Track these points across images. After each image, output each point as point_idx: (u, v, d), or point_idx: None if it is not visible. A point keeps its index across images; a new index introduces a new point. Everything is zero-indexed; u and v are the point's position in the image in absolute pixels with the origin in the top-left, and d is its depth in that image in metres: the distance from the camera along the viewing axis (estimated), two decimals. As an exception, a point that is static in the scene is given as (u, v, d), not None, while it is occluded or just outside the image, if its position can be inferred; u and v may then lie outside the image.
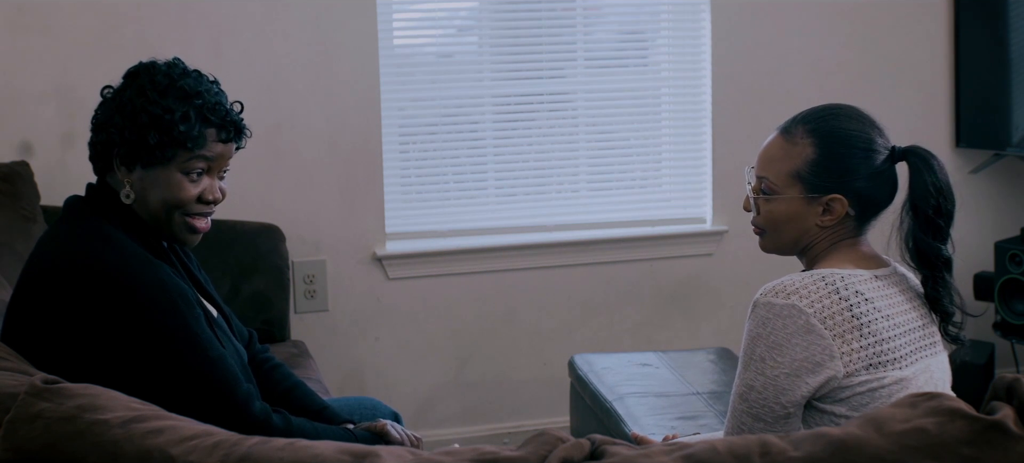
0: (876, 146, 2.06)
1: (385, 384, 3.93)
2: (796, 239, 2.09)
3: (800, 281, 1.97)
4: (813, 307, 1.94)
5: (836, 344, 1.93)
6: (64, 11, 3.58)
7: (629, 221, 4.14)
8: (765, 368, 1.95)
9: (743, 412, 1.99)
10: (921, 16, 4.20)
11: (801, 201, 2.05)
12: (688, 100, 4.15)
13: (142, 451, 1.44)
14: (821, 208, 2.05)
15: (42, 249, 2.16)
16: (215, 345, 2.10)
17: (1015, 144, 4.11)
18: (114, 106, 2.14)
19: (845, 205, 2.04)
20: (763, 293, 1.98)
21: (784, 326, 1.94)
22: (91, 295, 2.02)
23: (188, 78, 2.14)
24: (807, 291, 1.95)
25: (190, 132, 2.10)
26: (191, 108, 2.11)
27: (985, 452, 1.35)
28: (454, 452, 1.48)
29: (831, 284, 1.97)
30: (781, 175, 2.07)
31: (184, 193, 2.13)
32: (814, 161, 2.04)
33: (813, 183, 2.04)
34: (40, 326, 2.06)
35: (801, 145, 2.06)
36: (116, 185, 2.16)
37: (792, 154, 2.07)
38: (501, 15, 3.98)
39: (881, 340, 1.97)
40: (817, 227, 2.06)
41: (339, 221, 3.86)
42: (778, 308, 1.95)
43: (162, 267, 2.09)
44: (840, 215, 2.05)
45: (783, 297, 1.95)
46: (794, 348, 1.93)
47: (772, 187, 2.08)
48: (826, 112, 2.10)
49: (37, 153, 3.56)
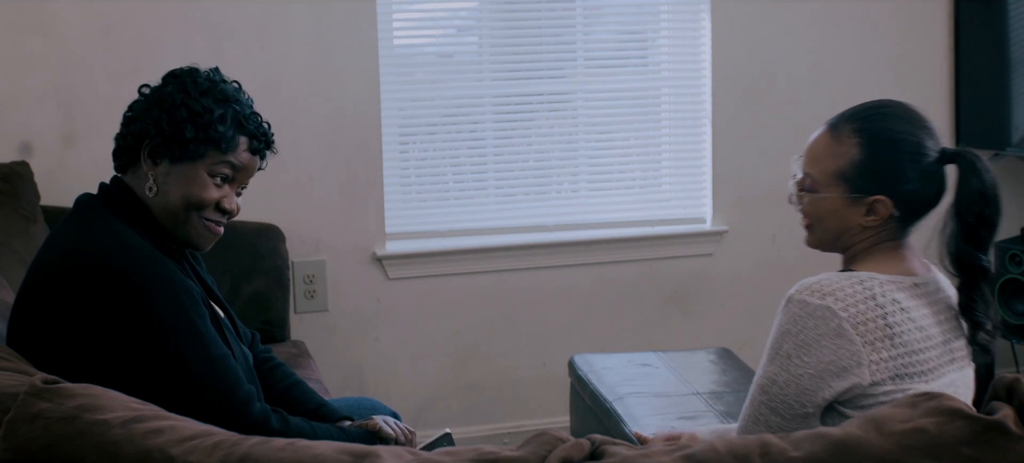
0: (925, 148, 2.01)
1: (385, 384, 3.93)
2: (838, 236, 2.04)
3: (837, 282, 1.93)
4: (847, 311, 1.90)
5: (865, 351, 1.90)
6: (64, 11, 3.58)
7: (629, 221, 4.14)
8: (790, 365, 1.92)
9: (762, 404, 1.96)
10: (921, 16, 4.20)
11: (844, 201, 2.01)
12: (688, 100, 4.15)
13: (142, 451, 1.44)
14: (864, 209, 2.00)
15: (52, 246, 2.18)
16: (218, 344, 2.11)
17: (1015, 144, 4.11)
18: (152, 100, 2.19)
19: (889, 207, 1.99)
20: (799, 289, 1.94)
21: (815, 326, 1.90)
22: (98, 290, 2.03)
23: (228, 85, 2.23)
24: (843, 293, 1.91)
25: (226, 133, 2.16)
26: (230, 111, 2.18)
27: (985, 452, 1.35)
28: (454, 452, 1.48)
29: (868, 289, 1.93)
30: (825, 174, 2.02)
31: (206, 193, 2.17)
32: (859, 162, 2.00)
33: (857, 184, 2.00)
34: (49, 323, 2.07)
35: (847, 144, 2.01)
36: (135, 182, 2.19)
37: (837, 153, 2.02)
38: (501, 15, 3.98)
39: (911, 351, 1.93)
40: (860, 227, 2.02)
41: (339, 221, 3.86)
42: (812, 307, 1.91)
43: (170, 264, 2.10)
44: (884, 217, 2.00)
45: (818, 297, 1.91)
46: (822, 350, 1.90)
47: (816, 185, 2.03)
48: (875, 111, 2.05)
49: (37, 153, 3.56)
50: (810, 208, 2.05)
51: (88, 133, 3.58)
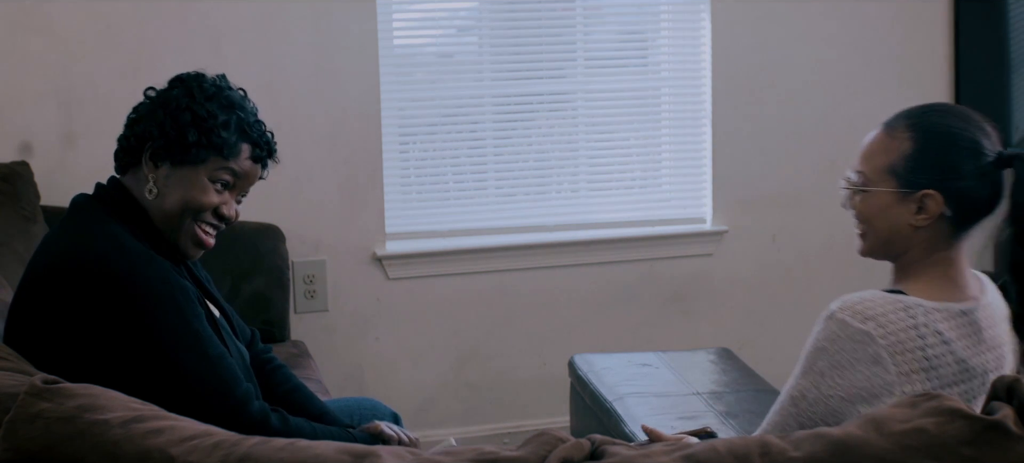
0: (981, 147, 1.95)
1: (385, 384, 3.93)
2: (889, 239, 1.97)
3: (881, 306, 1.87)
4: (887, 338, 1.85)
5: (898, 382, 1.85)
6: (64, 11, 3.58)
7: (629, 221, 4.14)
8: (822, 383, 1.87)
9: (791, 415, 1.92)
10: (921, 16, 4.20)
11: (893, 196, 1.95)
12: (688, 100, 4.15)
13: (142, 451, 1.44)
14: (915, 206, 1.94)
15: (48, 246, 2.18)
16: (215, 343, 2.11)
17: (1015, 144, 4.11)
18: (157, 102, 2.19)
19: (940, 204, 1.92)
20: (841, 307, 1.88)
21: (853, 350, 1.85)
22: (93, 291, 2.03)
23: (234, 92, 2.23)
24: (886, 319, 1.86)
25: (229, 139, 2.16)
26: (234, 117, 2.18)
27: (985, 452, 1.35)
28: (454, 452, 1.48)
29: (912, 317, 1.87)
30: (876, 169, 1.96)
31: (206, 197, 2.17)
32: (909, 155, 1.94)
33: (907, 178, 1.93)
34: (44, 323, 2.07)
35: (899, 139, 1.96)
36: (135, 184, 2.19)
37: (889, 148, 1.96)
38: (501, 15, 3.98)
39: (945, 385, 1.88)
40: (911, 228, 1.95)
41: (339, 221, 3.86)
42: (851, 330, 1.85)
43: (164, 264, 2.10)
44: (934, 214, 1.93)
45: (859, 320, 1.85)
46: (856, 374, 1.85)
47: (866, 181, 1.97)
48: (932, 108, 2.00)
49: (37, 153, 3.56)
50: (861, 208, 1.99)
51: (88, 133, 3.58)
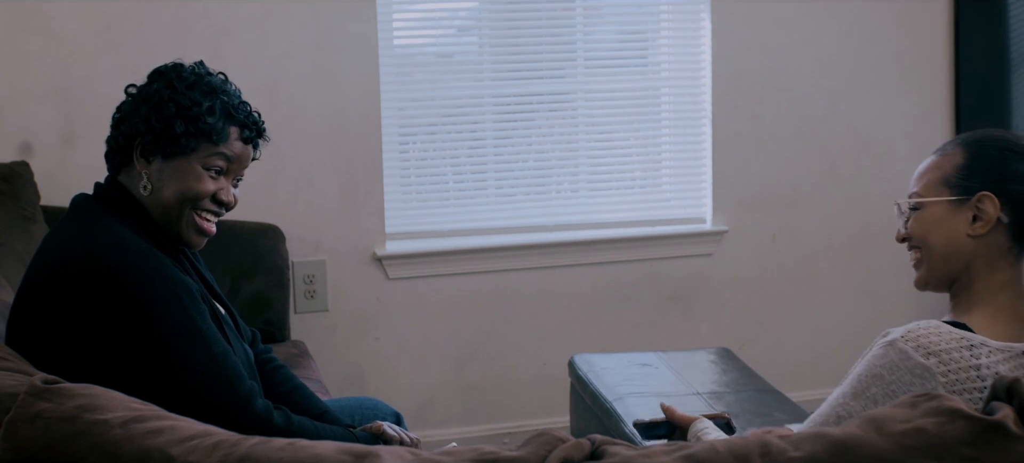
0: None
1: (385, 384, 3.93)
2: (947, 255, 1.94)
3: (946, 342, 1.83)
4: (947, 377, 1.81)
5: None
6: (64, 11, 3.58)
7: (629, 221, 4.15)
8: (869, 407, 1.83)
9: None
10: (921, 16, 4.20)
11: (948, 206, 1.93)
12: (688, 100, 4.15)
13: (142, 451, 1.44)
14: (971, 214, 1.91)
15: (49, 246, 2.17)
16: (219, 341, 2.11)
17: (1015, 144, 4.11)
18: (140, 99, 2.19)
19: (996, 206, 1.90)
20: (905, 336, 1.84)
21: (910, 382, 1.81)
22: (96, 289, 2.03)
23: (214, 77, 2.22)
24: (949, 357, 1.81)
25: (215, 125, 2.15)
26: (218, 102, 2.17)
27: (985, 452, 1.35)
28: (454, 452, 1.48)
29: (975, 358, 1.83)
30: (929, 185, 1.96)
31: (202, 186, 2.16)
32: (962, 165, 1.94)
33: (960, 186, 1.92)
34: (47, 323, 2.07)
35: (951, 154, 1.96)
36: (130, 182, 2.18)
37: (942, 165, 1.96)
38: (501, 15, 3.98)
39: None
40: (968, 240, 1.92)
41: (339, 221, 3.86)
42: (913, 363, 1.82)
43: (168, 262, 2.10)
44: (992, 219, 1.90)
45: (922, 354, 1.81)
46: None
47: (920, 200, 1.97)
48: (982, 131, 2.00)
49: (37, 153, 3.56)
50: (916, 228, 1.97)
51: (88, 133, 3.58)
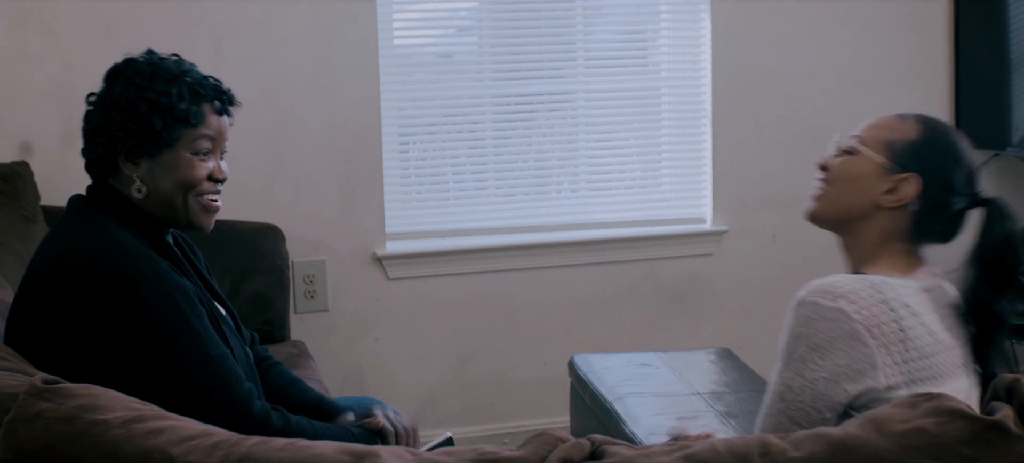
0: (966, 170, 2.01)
1: (385, 384, 3.93)
2: (850, 204, 2.03)
3: (849, 284, 1.89)
4: (861, 314, 1.86)
5: (879, 355, 1.86)
6: (64, 11, 3.58)
7: (629, 221, 4.15)
8: (805, 369, 1.88)
9: (781, 412, 1.91)
10: (921, 16, 4.20)
11: (878, 166, 2.00)
12: (688, 100, 4.15)
13: (142, 451, 1.44)
14: (890, 185, 1.99)
15: (45, 248, 2.17)
16: (217, 343, 2.10)
17: (1015, 144, 4.11)
18: (106, 106, 2.16)
19: (914, 192, 1.99)
20: (809, 291, 1.90)
21: (828, 329, 1.86)
22: (91, 292, 2.03)
23: (168, 62, 2.19)
24: (856, 296, 1.87)
25: (189, 108, 2.14)
26: (182, 86, 2.15)
27: (985, 452, 1.35)
28: (454, 451, 1.48)
29: (880, 293, 1.89)
30: (876, 139, 2.03)
31: (196, 172, 2.16)
32: (912, 142, 2.00)
33: (900, 158, 2.00)
34: (44, 325, 2.06)
35: (908, 125, 2.03)
36: (122, 185, 2.17)
37: (895, 128, 2.03)
38: (501, 15, 3.98)
39: (924, 355, 1.90)
40: (873, 206, 2.01)
41: (339, 221, 3.86)
42: (824, 310, 1.87)
43: (163, 264, 2.09)
44: (904, 200, 1.99)
45: (830, 299, 1.87)
46: (837, 354, 1.86)
47: (859, 146, 2.03)
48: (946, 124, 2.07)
49: (37, 153, 3.56)
50: (840, 168, 2.04)
51: (88, 133, 3.57)
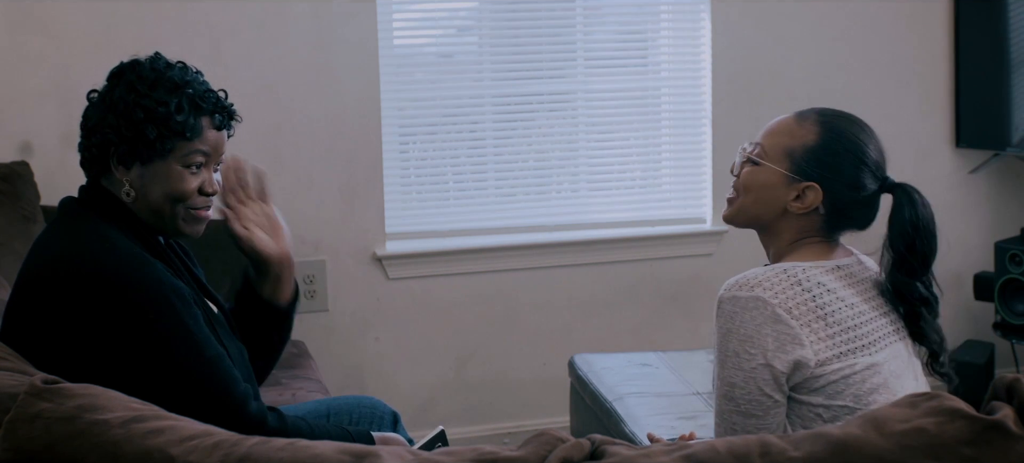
0: (869, 163, 2.08)
1: (385, 384, 3.93)
2: (760, 213, 2.12)
3: (762, 274, 2.00)
4: (777, 298, 1.96)
5: (804, 333, 1.96)
6: (64, 11, 3.58)
7: (629, 221, 4.14)
8: (742, 362, 1.97)
9: (731, 412, 2.00)
10: (921, 16, 4.20)
11: (782, 177, 2.07)
12: (688, 100, 4.15)
13: (142, 451, 1.44)
14: (796, 193, 2.07)
15: (38, 250, 2.16)
16: (212, 344, 2.10)
17: (1015, 144, 4.11)
18: (105, 107, 2.14)
19: (818, 199, 2.06)
20: (726, 289, 2.01)
21: (752, 318, 1.96)
22: (86, 295, 2.02)
23: (173, 70, 2.16)
24: (770, 283, 1.98)
25: (187, 121, 2.10)
26: (183, 98, 2.11)
27: (985, 452, 1.35)
28: (454, 452, 1.47)
29: (792, 276, 2.00)
30: (776, 148, 2.10)
31: (185, 185, 2.13)
32: (810, 147, 2.07)
33: (800, 166, 2.07)
34: (38, 328, 2.05)
35: (806, 129, 2.09)
36: (113, 186, 2.15)
37: (795, 133, 2.10)
38: (501, 15, 3.98)
39: (847, 328, 1.99)
40: (784, 211, 2.08)
41: (339, 221, 3.86)
42: (743, 301, 1.97)
43: (157, 265, 2.08)
44: (810, 207, 2.07)
45: (747, 290, 1.98)
46: (764, 337, 1.95)
47: (763, 155, 2.10)
48: (843, 115, 2.13)
49: (37, 153, 3.56)
50: (747, 178, 2.12)
51: (88, 133, 3.57)
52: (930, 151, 4.26)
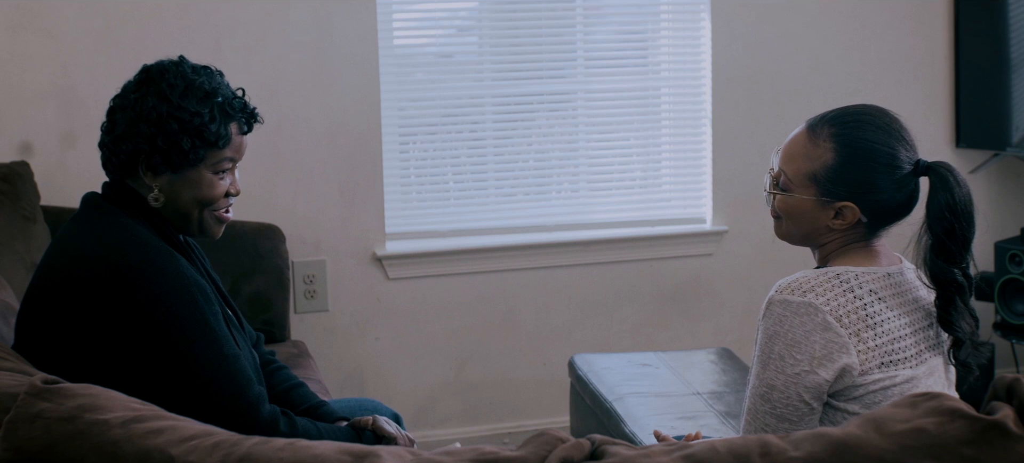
0: (899, 160, 2.04)
1: (385, 384, 3.93)
2: (806, 234, 2.10)
3: (814, 279, 1.98)
4: (829, 305, 1.95)
5: (852, 341, 1.94)
6: (64, 11, 3.58)
7: (629, 221, 4.14)
8: (785, 366, 1.95)
9: (766, 413, 1.98)
10: (921, 16, 4.20)
11: (814, 203, 2.05)
12: (688, 100, 4.15)
13: (142, 451, 1.44)
14: (833, 212, 2.04)
15: (65, 244, 2.17)
16: (231, 343, 2.11)
17: (1015, 144, 4.11)
18: (135, 115, 2.14)
19: (857, 214, 2.03)
20: (779, 290, 1.98)
21: (802, 324, 1.94)
22: (115, 288, 2.03)
23: (200, 76, 2.17)
24: (822, 289, 1.96)
25: (218, 130, 2.14)
26: (214, 107, 2.15)
27: (985, 452, 1.35)
28: (454, 452, 1.48)
29: (845, 282, 1.98)
30: (799, 174, 2.06)
31: (216, 191, 2.18)
32: (832, 167, 2.03)
33: (828, 188, 2.03)
34: (63, 320, 2.07)
35: (822, 148, 2.05)
36: (139, 188, 2.18)
37: (812, 155, 2.05)
38: (501, 15, 3.98)
39: (893, 339, 1.98)
40: (827, 228, 2.06)
41: (339, 221, 3.87)
42: (795, 306, 1.95)
43: (183, 261, 2.10)
44: (852, 222, 2.04)
45: (799, 295, 1.96)
46: (813, 344, 1.94)
47: (789, 184, 2.07)
48: (854, 119, 2.07)
49: (37, 153, 3.56)
50: (781, 205, 2.10)
51: (88, 133, 3.56)
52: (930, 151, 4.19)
